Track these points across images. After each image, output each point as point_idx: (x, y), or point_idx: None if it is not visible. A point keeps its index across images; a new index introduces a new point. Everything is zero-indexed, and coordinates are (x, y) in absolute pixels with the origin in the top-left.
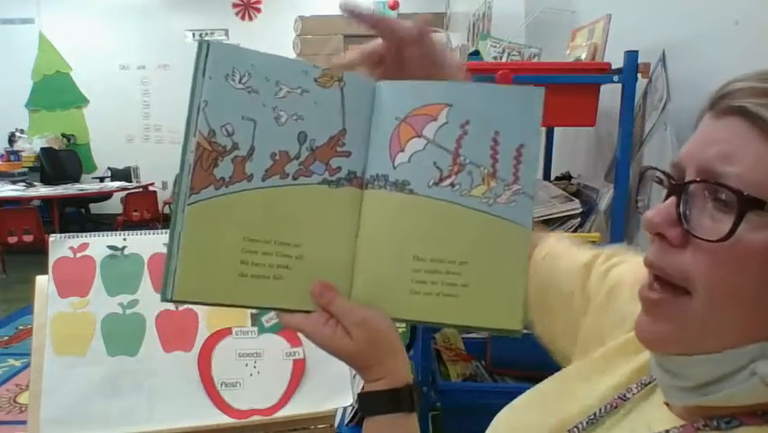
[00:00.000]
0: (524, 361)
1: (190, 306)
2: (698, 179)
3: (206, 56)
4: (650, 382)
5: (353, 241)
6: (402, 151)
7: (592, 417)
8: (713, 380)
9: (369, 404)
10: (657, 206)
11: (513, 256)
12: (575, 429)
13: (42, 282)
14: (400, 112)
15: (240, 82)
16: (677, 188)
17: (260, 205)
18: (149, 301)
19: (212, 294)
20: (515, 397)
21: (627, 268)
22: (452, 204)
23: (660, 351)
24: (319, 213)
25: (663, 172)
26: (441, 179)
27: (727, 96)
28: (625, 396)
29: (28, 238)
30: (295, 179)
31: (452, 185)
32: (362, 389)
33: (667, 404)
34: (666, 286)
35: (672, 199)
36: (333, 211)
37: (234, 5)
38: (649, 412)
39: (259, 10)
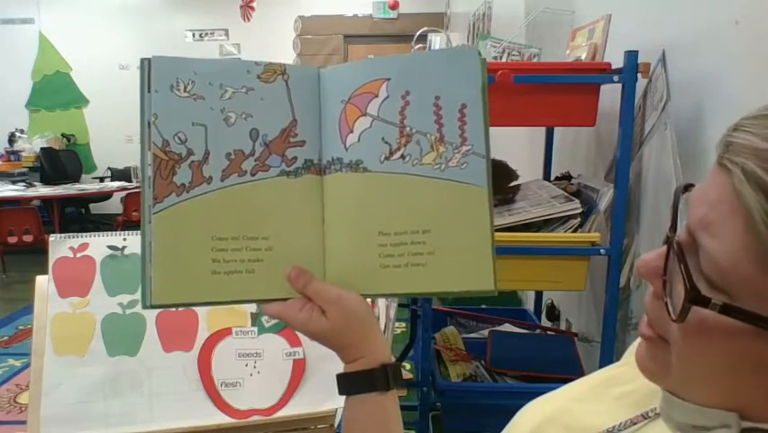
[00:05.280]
0: (524, 361)
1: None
2: (680, 244)
3: (149, 71)
4: None
5: (320, 226)
6: (351, 132)
7: (611, 429)
8: (687, 425)
9: (344, 384)
10: (654, 251)
11: (473, 217)
12: None
13: (42, 282)
14: (344, 94)
15: (185, 91)
16: (670, 241)
17: (223, 204)
18: None
19: (188, 295)
20: (515, 397)
21: None
22: (405, 175)
23: (651, 381)
24: (282, 204)
25: (674, 205)
26: (391, 153)
27: (730, 147)
28: (647, 414)
29: (28, 238)
30: (253, 175)
31: (403, 157)
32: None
33: None
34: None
35: (665, 250)
36: (295, 200)
37: (241, 6)
38: (657, 430)
39: (253, 8)
